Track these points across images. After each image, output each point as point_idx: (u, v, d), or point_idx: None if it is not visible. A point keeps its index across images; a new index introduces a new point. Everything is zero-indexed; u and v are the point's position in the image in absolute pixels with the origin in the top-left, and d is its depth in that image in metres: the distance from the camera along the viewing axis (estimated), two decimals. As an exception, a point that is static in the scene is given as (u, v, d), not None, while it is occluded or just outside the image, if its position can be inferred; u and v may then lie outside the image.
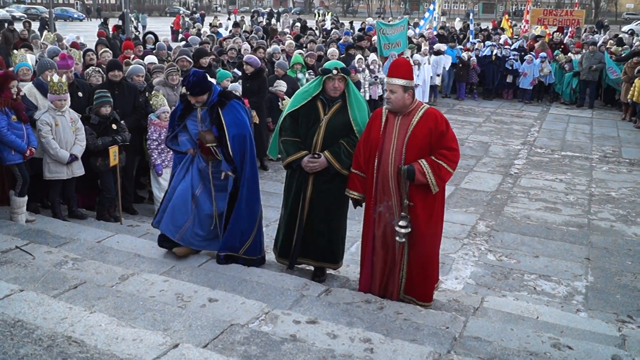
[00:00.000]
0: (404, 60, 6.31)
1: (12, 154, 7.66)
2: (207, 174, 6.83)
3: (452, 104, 21.19)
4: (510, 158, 14.24)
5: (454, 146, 5.81)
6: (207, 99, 6.60)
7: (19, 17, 48.13)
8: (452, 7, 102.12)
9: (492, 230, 9.51)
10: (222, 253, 6.85)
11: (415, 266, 5.99)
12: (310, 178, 6.48)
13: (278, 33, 24.81)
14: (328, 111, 6.40)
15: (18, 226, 7.60)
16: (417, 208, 5.79)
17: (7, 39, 20.87)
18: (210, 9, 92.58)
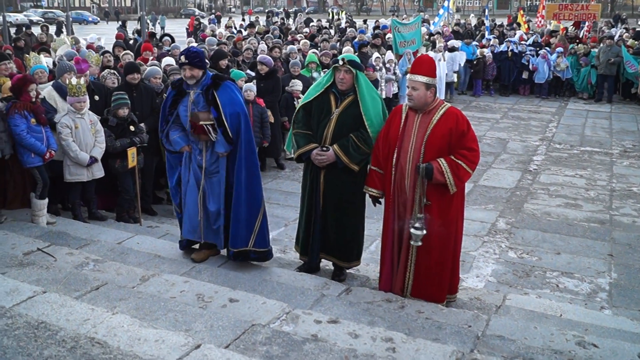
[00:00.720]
0: (427, 57, 6.20)
1: (32, 157, 7.70)
2: (203, 168, 6.66)
3: (469, 101, 21.10)
4: (529, 154, 14.14)
5: (474, 147, 5.75)
6: (201, 79, 6.49)
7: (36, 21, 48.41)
8: (466, 3, 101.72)
9: (513, 228, 9.44)
10: (232, 249, 6.71)
11: (424, 268, 5.92)
12: (322, 172, 6.44)
13: (291, 32, 24.78)
14: (340, 104, 6.35)
15: (39, 228, 7.63)
16: (433, 207, 5.73)
17: (25, 43, 20.97)
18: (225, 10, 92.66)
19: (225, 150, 6.49)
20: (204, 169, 6.64)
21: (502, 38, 24.85)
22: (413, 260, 5.92)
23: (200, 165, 6.65)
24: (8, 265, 5.88)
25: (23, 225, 7.62)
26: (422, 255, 5.86)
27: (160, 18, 54.52)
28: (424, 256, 5.86)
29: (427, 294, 5.97)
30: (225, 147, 6.47)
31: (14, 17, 58.53)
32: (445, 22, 28.31)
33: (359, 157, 6.21)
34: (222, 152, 6.49)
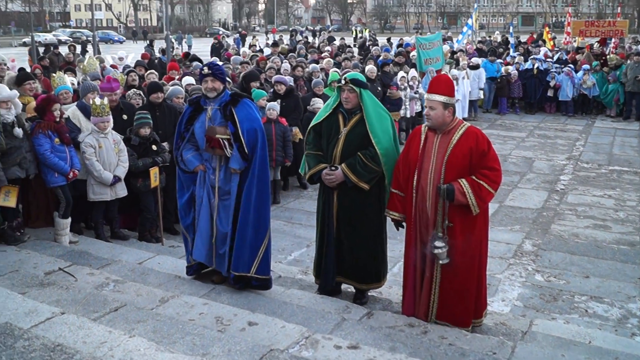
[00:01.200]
0: (445, 76, 6.17)
1: (55, 177, 7.75)
2: (216, 188, 6.50)
3: (494, 119, 20.89)
4: (556, 174, 13.90)
5: (495, 166, 5.64)
6: (220, 94, 6.42)
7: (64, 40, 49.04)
8: (490, 20, 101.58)
9: (539, 250, 9.24)
10: (233, 272, 6.43)
11: (448, 290, 5.77)
12: (335, 193, 6.37)
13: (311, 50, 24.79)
14: (348, 124, 6.31)
15: (61, 247, 7.65)
16: (456, 229, 5.62)
17: (52, 62, 21.23)
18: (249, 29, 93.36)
19: (239, 167, 6.35)
20: (217, 188, 6.50)
21: (527, 55, 24.65)
22: (437, 283, 5.79)
23: (214, 185, 6.50)
24: (29, 285, 5.89)
25: (46, 245, 7.63)
26: (446, 278, 5.73)
27: (187, 37, 55.16)
28: (447, 279, 5.73)
29: (452, 319, 5.83)
30: (240, 163, 6.33)
31: (42, 36, 59.65)
32: (468, 40, 28.19)
33: (367, 175, 6.14)
34: (236, 168, 6.35)
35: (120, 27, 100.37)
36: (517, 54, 24.42)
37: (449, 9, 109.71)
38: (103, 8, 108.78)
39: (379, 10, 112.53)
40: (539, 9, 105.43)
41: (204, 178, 6.58)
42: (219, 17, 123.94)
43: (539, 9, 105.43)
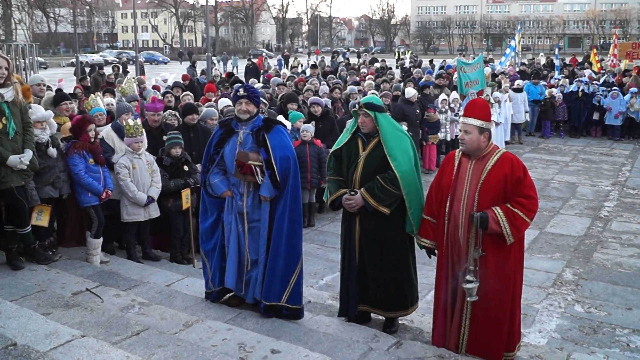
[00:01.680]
0: (482, 100, 6.01)
1: (88, 196, 7.81)
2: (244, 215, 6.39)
3: (537, 143, 20.55)
4: (600, 200, 13.51)
5: (531, 194, 5.45)
6: (253, 118, 6.34)
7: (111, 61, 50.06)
8: (536, 41, 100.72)
9: (580, 279, 8.93)
10: (264, 301, 6.31)
11: (480, 323, 5.57)
12: (356, 219, 6.29)
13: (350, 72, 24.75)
14: (366, 147, 6.25)
15: (91, 268, 7.65)
16: (488, 258, 5.44)
17: (97, 82, 21.55)
18: (292, 50, 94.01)
19: (270, 195, 6.23)
20: (245, 215, 6.37)
21: (572, 78, 24.24)
22: (468, 314, 5.61)
23: (241, 211, 6.38)
24: (54, 305, 5.87)
25: (76, 264, 7.64)
26: (477, 309, 5.54)
27: (233, 59, 55.84)
28: (479, 311, 5.54)
29: (483, 351, 5.62)
30: (271, 192, 6.22)
31: (90, 57, 61.05)
32: (511, 62, 27.86)
33: (387, 198, 6.04)
34: (266, 196, 6.25)
35: (165, 48, 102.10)
36: (561, 76, 24.04)
37: (493, 30, 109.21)
38: (149, 30, 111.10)
39: (423, 31, 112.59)
40: (586, 31, 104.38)
41: (232, 204, 6.48)
42: (263, 38, 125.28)
43: (586, 31, 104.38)
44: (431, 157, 16.10)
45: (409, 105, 15.29)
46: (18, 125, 6.72)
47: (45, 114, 7.57)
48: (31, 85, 9.06)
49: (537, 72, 24.43)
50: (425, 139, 15.84)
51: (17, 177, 6.74)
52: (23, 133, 6.82)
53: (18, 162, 6.63)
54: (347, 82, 20.24)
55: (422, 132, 15.78)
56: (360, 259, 6.33)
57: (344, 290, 6.48)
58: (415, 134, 15.18)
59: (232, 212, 6.46)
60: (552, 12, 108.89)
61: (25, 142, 6.83)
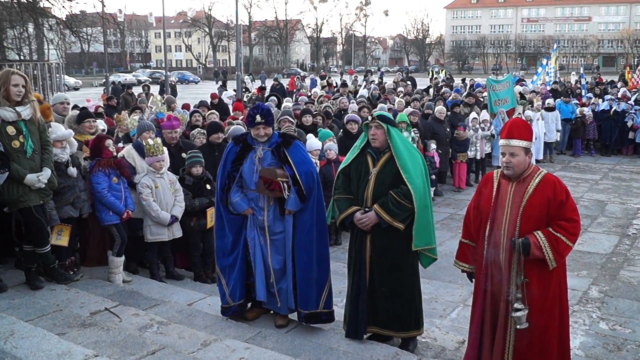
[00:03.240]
0: (521, 120, 5.82)
1: (110, 215, 7.80)
2: (264, 226, 6.53)
3: (568, 161, 20.33)
4: (629, 218, 13.31)
5: (574, 217, 5.26)
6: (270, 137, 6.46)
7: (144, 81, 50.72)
8: (570, 60, 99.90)
9: (606, 297, 8.80)
10: (303, 311, 6.52)
11: (525, 348, 5.36)
12: (367, 237, 6.18)
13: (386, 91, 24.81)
14: (377, 163, 6.15)
15: (112, 287, 7.63)
16: (532, 285, 5.25)
17: (126, 102, 21.85)
18: (327, 70, 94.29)
19: (295, 209, 6.39)
20: (266, 228, 6.50)
21: (604, 96, 24.00)
22: (511, 340, 5.40)
23: (262, 225, 6.51)
24: (70, 325, 5.87)
25: (97, 284, 7.63)
26: (521, 336, 5.32)
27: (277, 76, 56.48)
28: (524, 337, 5.32)
29: None
30: (298, 206, 6.36)
31: (123, 77, 61.83)
32: (542, 80, 27.69)
33: (402, 213, 5.93)
34: (292, 210, 6.39)
35: (199, 68, 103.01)
36: (592, 94, 23.81)
37: (528, 49, 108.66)
38: (183, 49, 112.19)
39: (457, 51, 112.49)
40: (620, 50, 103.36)
41: (253, 219, 6.58)
42: (297, 57, 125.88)
43: (620, 50, 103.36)
44: (460, 175, 16.03)
45: (439, 123, 15.30)
46: (36, 144, 6.74)
47: (65, 132, 7.60)
48: (54, 104, 9.09)
49: (568, 90, 24.28)
50: (454, 157, 15.82)
51: (35, 196, 6.74)
52: (41, 152, 6.83)
53: (36, 181, 6.64)
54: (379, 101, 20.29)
55: (452, 151, 15.76)
56: (370, 278, 6.23)
57: (353, 310, 6.34)
58: (444, 152, 15.18)
59: (253, 227, 6.56)
60: (587, 32, 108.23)
61: (44, 161, 6.83)
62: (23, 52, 31.11)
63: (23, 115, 6.59)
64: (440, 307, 8.40)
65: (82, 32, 27.37)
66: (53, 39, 28.10)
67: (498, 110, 17.14)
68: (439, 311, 8.24)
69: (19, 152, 6.57)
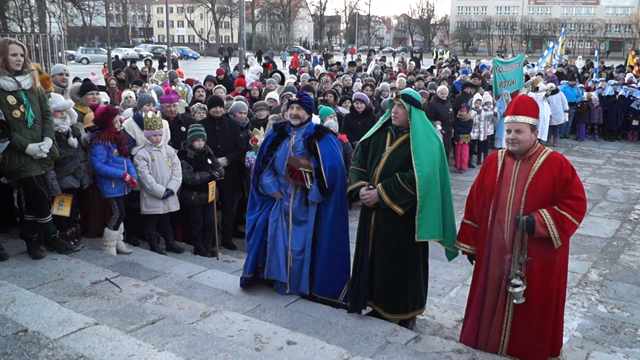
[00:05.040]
0: (528, 97, 5.71)
1: (111, 188, 7.76)
2: (289, 212, 6.71)
3: (571, 145, 20.30)
4: (631, 202, 13.33)
5: (580, 195, 5.20)
6: (304, 123, 6.58)
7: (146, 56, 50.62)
8: (576, 44, 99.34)
9: (605, 280, 8.83)
10: (318, 295, 6.70)
11: (522, 327, 5.41)
12: (373, 213, 6.15)
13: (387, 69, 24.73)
14: (394, 142, 6.09)
15: (113, 258, 7.65)
16: (534, 264, 5.25)
17: (130, 75, 21.79)
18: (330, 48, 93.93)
19: (317, 201, 6.54)
20: (290, 215, 6.69)
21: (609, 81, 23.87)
22: (509, 318, 5.44)
23: (287, 211, 6.72)
24: (71, 294, 5.88)
25: (98, 255, 7.64)
26: (519, 313, 5.37)
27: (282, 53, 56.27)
28: (522, 315, 5.37)
29: (525, 355, 5.46)
30: (319, 198, 6.49)
31: (124, 51, 61.64)
32: (547, 63, 27.56)
33: (402, 198, 5.85)
34: (314, 200, 6.53)
35: (201, 44, 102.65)
36: (601, 79, 23.69)
37: (533, 32, 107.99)
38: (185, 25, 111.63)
39: (462, 32, 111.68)
40: (627, 35, 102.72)
41: (280, 204, 6.79)
42: (300, 35, 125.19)
43: (627, 35, 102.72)
44: (462, 156, 15.99)
45: (442, 104, 15.24)
46: (37, 114, 6.70)
47: (66, 103, 7.56)
48: (53, 75, 9.02)
49: (574, 74, 24.17)
50: (456, 138, 15.77)
51: (37, 166, 6.73)
52: (42, 121, 6.79)
53: (37, 151, 6.62)
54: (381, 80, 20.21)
55: (454, 132, 15.71)
56: (372, 255, 6.22)
57: (355, 285, 6.35)
58: (447, 133, 15.13)
59: (278, 211, 6.76)
60: (594, 15, 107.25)
61: (45, 131, 6.80)
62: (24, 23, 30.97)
63: (23, 85, 6.54)
64: (439, 286, 8.44)
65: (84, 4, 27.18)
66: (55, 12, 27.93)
67: (502, 92, 17.04)
68: (437, 290, 8.28)
69: (20, 121, 6.54)
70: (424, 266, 6.34)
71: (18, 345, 4.26)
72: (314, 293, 6.70)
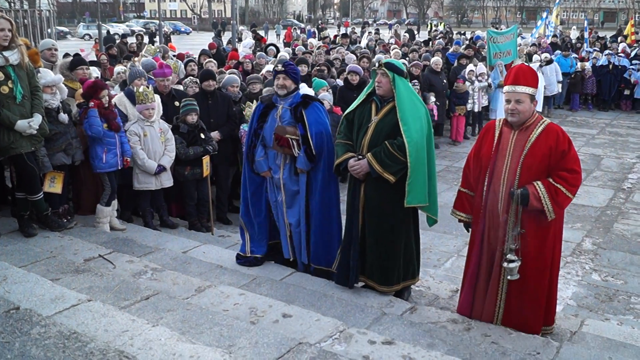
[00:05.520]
0: (528, 66, 5.60)
1: (102, 162, 7.66)
2: (280, 184, 6.71)
3: (565, 115, 20.30)
4: (624, 172, 13.38)
5: (575, 168, 5.18)
6: (291, 93, 6.55)
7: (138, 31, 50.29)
8: (570, 15, 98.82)
9: (599, 248, 8.88)
10: (314, 265, 6.73)
11: (517, 298, 5.42)
12: (362, 185, 6.10)
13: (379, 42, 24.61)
14: (379, 112, 6.03)
15: (106, 235, 7.61)
16: (528, 236, 5.23)
17: (121, 50, 21.63)
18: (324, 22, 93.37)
19: (305, 168, 6.52)
20: (282, 186, 6.69)
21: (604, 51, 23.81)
22: (504, 289, 5.45)
23: (278, 184, 6.71)
24: (64, 271, 5.85)
25: (91, 231, 7.60)
26: (514, 284, 5.36)
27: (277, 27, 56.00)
28: (517, 286, 5.36)
29: (519, 325, 5.47)
30: (307, 165, 6.48)
31: (116, 27, 61.14)
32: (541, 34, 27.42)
33: (394, 165, 5.80)
34: (303, 169, 6.51)
35: (194, 19, 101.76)
36: (594, 49, 23.62)
37: (528, 3, 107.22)
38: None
39: (456, 3, 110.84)
40: (621, 5, 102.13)
41: (272, 181, 6.81)
42: (294, 9, 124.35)
43: (621, 5, 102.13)
44: (459, 128, 15.99)
45: (436, 75, 15.17)
46: (25, 89, 6.58)
47: (55, 78, 7.44)
48: (41, 50, 8.89)
49: (568, 45, 24.09)
50: (452, 109, 15.73)
51: (26, 143, 6.62)
52: (31, 97, 6.68)
53: (27, 127, 6.51)
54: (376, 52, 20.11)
55: (450, 103, 15.67)
56: (363, 228, 6.18)
57: (345, 259, 6.31)
58: (441, 104, 15.08)
59: (274, 188, 6.81)
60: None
61: (34, 107, 6.68)
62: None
63: (11, 60, 6.43)
64: (434, 257, 8.46)
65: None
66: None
67: (497, 63, 16.96)
68: (433, 261, 8.30)
69: (8, 98, 6.43)
70: (415, 235, 6.33)
71: (10, 323, 4.22)
72: (310, 263, 6.74)
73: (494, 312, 5.56)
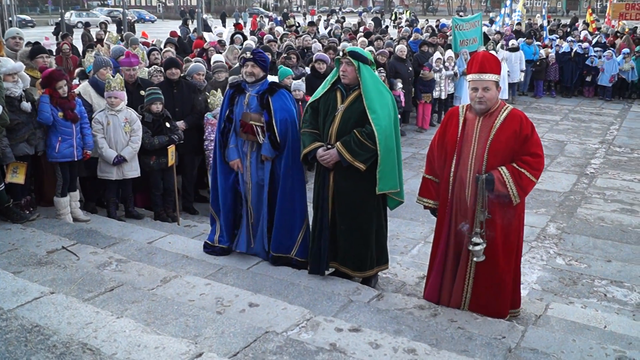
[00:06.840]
0: (490, 54, 5.65)
1: (55, 152, 7.49)
2: (248, 174, 6.71)
3: (529, 102, 20.49)
4: (587, 157, 13.59)
5: (538, 152, 5.24)
6: (259, 81, 6.55)
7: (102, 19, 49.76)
8: (534, 3, 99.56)
9: (563, 233, 8.99)
10: (272, 253, 6.69)
11: (484, 282, 5.46)
12: (330, 175, 6.10)
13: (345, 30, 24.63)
14: (345, 100, 6.02)
15: (70, 226, 7.51)
16: (495, 220, 5.27)
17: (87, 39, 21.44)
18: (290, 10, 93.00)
19: (270, 155, 6.51)
20: (249, 174, 6.70)
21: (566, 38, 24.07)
22: (471, 274, 5.49)
23: (244, 172, 6.72)
24: (26, 264, 5.77)
25: (54, 223, 7.50)
26: (481, 269, 5.41)
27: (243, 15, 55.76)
28: (483, 271, 5.41)
29: (487, 310, 5.53)
30: (271, 152, 6.47)
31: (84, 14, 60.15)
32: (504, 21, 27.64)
33: (364, 154, 5.82)
34: (267, 156, 6.50)
35: (159, 7, 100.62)
36: (556, 36, 23.87)
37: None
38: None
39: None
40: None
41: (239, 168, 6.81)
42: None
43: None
44: (425, 116, 16.07)
45: (401, 63, 15.20)
46: None
47: (16, 65, 7.29)
48: (6, 39, 8.74)
49: (532, 32, 24.31)
50: (418, 97, 15.78)
51: None
52: None
53: None
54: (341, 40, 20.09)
55: (416, 91, 15.72)
56: (333, 216, 6.19)
57: (316, 247, 6.30)
58: (407, 92, 15.12)
59: (242, 178, 6.79)
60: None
61: None
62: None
63: None
64: (401, 244, 8.49)
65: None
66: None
67: (462, 51, 17.04)
68: (399, 248, 8.33)
69: None
70: (384, 221, 6.36)
71: (-31, 317, 4.16)
72: (270, 251, 6.71)
73: (461, 297, 5.60)
